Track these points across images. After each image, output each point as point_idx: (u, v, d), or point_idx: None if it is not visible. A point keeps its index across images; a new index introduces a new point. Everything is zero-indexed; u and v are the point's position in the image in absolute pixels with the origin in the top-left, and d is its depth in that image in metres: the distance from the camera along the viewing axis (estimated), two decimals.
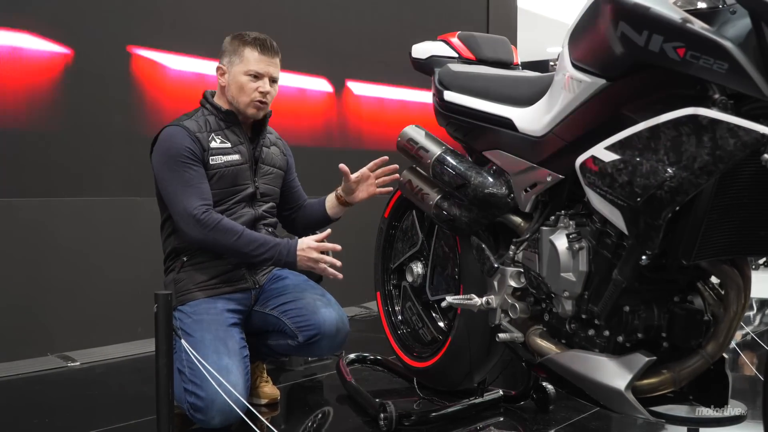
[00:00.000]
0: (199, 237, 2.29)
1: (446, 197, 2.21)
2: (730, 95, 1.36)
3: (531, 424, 2.32)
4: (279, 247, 2.33)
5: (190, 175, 2.31)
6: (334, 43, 4.60)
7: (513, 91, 2.05)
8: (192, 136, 2.35)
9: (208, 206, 2.30)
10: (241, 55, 2.41)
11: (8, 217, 3.14)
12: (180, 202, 2.30)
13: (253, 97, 2.40)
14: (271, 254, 2.32)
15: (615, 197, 1.50)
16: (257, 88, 2.40)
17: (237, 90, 2.41)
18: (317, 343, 2.37)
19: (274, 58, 2.44)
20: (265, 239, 2.34)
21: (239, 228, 2.32)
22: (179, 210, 2.30)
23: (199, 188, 2.32)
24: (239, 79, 2.40)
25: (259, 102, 2.42)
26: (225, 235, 2.29)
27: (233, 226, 2.31)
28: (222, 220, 2.30)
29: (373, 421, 2.30)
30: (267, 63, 2.42)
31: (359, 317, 4.18)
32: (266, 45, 2.42)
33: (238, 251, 2.32)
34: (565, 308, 1.75)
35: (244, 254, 2.33)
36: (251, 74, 2.40)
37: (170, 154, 2.33)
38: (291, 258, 2.33)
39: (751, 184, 1.43)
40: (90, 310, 3.34)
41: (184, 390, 2.22)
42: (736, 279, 1.58)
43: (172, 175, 2.32)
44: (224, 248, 2.32)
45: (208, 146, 2.37)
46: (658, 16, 1.40)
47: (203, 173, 2.35)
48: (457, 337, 2.32)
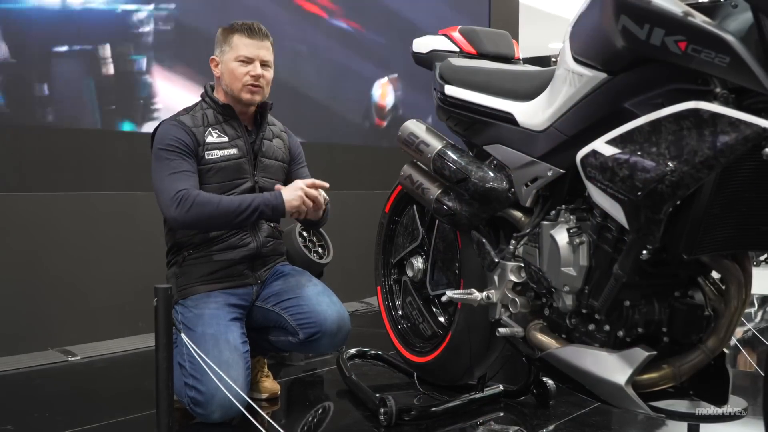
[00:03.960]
0: (182, 219, 2.25)
1: (447, 192, 2.21)
2: (732, 89, 1.36)
3: (531, 419, 2.32)
4: (264, 195, 2.31)
5: (175, 164, 2.30)
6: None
7: (514, 85, 2.04)
8: (187, 130, 2.35)
9: (187, 189, 2.27)
10: (231, 42, 2.42)
11: (9, 211, 3.14)
12: (162, 191, 2.28)
13: (244, 81, 2.40)
14: (258, 202, 2.29)
15: (616, 191, 1.50)
16: (248, 72, 2.40)
17: (229, 77, 2.41)
18: (318, 340, 2.37)
19: (264, 42, 2.44)
20: (246, 195, 2.33)
21: (217, 196, 2.29)
22: (161, 199, 2.28)
23: (183, 175, 2.29)
24: (230, 65, 2.41)
25: (252, 86, 2.41)
26: (205, 206, 2.25)
27: (210, 195, 2.29)
28: (199, 194, 2.26)
29: (373, 415, 2.30)
30: (257, 47, 2.42)
31: (359, 312, 4.17)
32: (254, 29, 2.42)
33: (225, 215, 2.26)
34: (566, 303, 1.75)
35: (232, 213, 2.26)
36: (241, 59, 2.40)
37: (159, 147, 2.33)
38: (278, 200, 2.29)
39: (752, 178, 1.42)
40: (91, 305, 3.34)
41: (185, 384, 2.22)
42: (737, 274, 1.57)
43: (158, 165, 2.32)
44: (210, 219, 2.27)
45: (203, 141, 2.37)
46: (659, 9, 1.39)
47: (192, 164, 2.34)
48: (457, 331, 2.32)
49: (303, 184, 2.34)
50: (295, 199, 2.31)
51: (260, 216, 2.32)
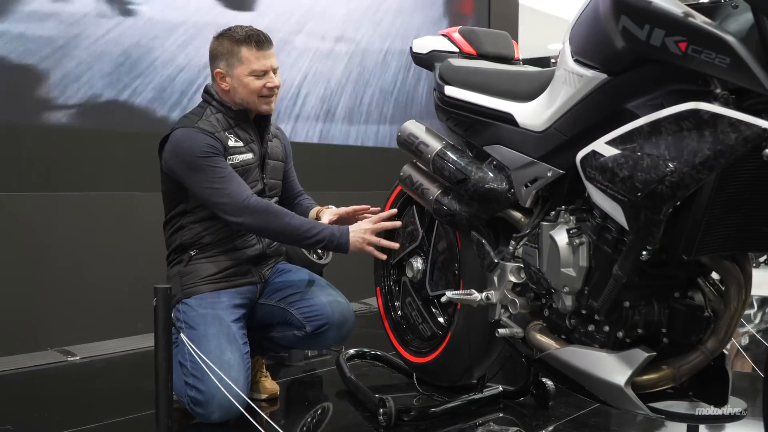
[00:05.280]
0: (249, 224, 2.29)
1: (446, 192, 2.21)
2: (732, 90, 1.36)
3: (530, 420, 2.32)
4: (332, 230, 2.31)
5: (222, 167, 2.30)
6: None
7: (514, 86, 2.04)
8: (212, 136, 2.32)
9: (252, 193, 2.31)
10: (239, 56, 2.36)
11: (8, 211, 3.14)
12: (224, 194, 2.27)
13: (261, 93, 2.38)
14: (325, 234, 2.29)
15: (616, 192, 1.50)
16: (265, 84, 2.38)
17: (245, 92, 2.37)
18: (325, 333, 2.39)
19: (271, 49, 2.42)
20: (316, 222, 2.36)
21: (288, 211, 2.33)
22: (225, 202, 2.27)
23: (236, 178, 2.31)
24: (244, 80, 2.36)
25: (268, 97, 2.41)
26: (277, 217, 2.29)
27: (282, 208, 2.33)
28: (270, 203, 2.32)
29: (372, 416, 2.30)
30: (267, 57, 2.39)
31: (359, 313, 4.16)
32: (261, 40, 2.38)
33: (292, 233, 2.29)
34: (565, 304, 1.75)
35: (298, 235, 2.29)
36: (256, 74, 2.36)
37: (195, 155, 2.28)
38: (344, 238, 2.29)
39: (752, 179, 1.42)
40: (90, 305, 3.33)
41: (185, 384, 2.22)
42: (737, 275, 1.57)
43: (202, 174, 2.28)
44: (276, 231, 2.31)
45: (227, 145, 2.36)
46: (659, 10, 1.39)
47: (230, 166, 2.34)
48: (456, 332, 2.31)
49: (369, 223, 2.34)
50: (359, 241, 2.30)
51: (322, 247, 2.38)
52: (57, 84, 3.31)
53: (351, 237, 2.30)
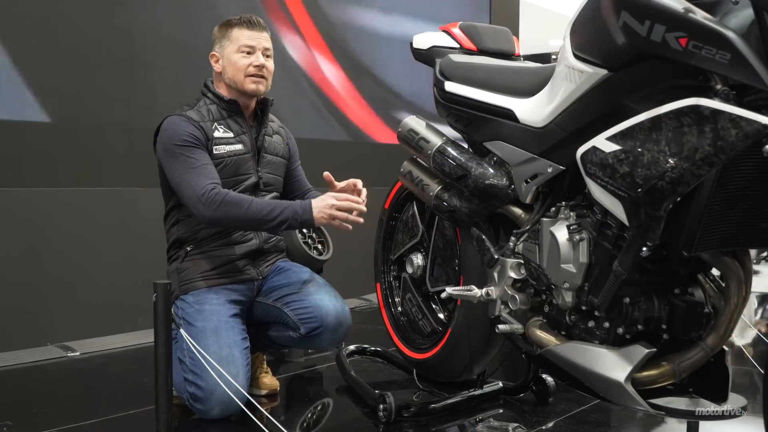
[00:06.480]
0: (209, 215, 2.25)
1: (447, 188, 2.21)
2: (733, 86, 1.36)
3: (530, 417, 2.32)
4: (294, 206, 2.28)
5: (195, 158, 2.30)
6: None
7: (514, 81, 2.04)
8: (196, 124, 2.34)
9: (216, 184, 2.28)
10: (230, 36, 2.42)
11: (8, 206, 3.14)
12: (188, 186, 2.27)
13: (248, 71, 2.40)
14: (287, 214, 2.26)
15: (616, 188, 1.50)
16: (251, 62, 2.40)
17: (233, 69, 2.41)
18: (319, 335, 2.37)
19: (263, 32, 2.45)
20: (277, 202, 2.31)
21: (248, 197, 2.29)
22: (188, 194, 2.27)
23: (205, 169, 2.30)
24: (232, 57, 2.40)
25: (256, 76, 2.41)
26: (235, 206, 2.24)
27: (241, 196, 2.29)
28: (229, 193, 2.27)
29: (372, 412, 2.30)
30: (257, 37, 2.42)
31: (359, 309, 4.17)
32: (252, 21, 2.43)
33: (252, 219, 2.26)
34: (565, 300, 1.74)
35: (259, 220, 2.26)
36: (243, 50, 2.40)
37: (173, 142, 2.31)
38: (307, 215, 2.27)
39: (752, 175, 1.42)
40: (90, 301, 3.34)
41: (185, 380, 2.22)
42: (737, 271, 1.57)
43: (176, 162, 2.30)
44: (237, 220, 2.27)
45: (212, 135, 2.37)
46: (660, 5, 1.39)
47: (207, 157, 2.34)
48: (456, 328, 2.31)
49: (334, 199, 2.29)
50: (324, 217, 2.27)
51: (288, 227, 2.31)
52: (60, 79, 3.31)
53: (315, 213, 2.26)
